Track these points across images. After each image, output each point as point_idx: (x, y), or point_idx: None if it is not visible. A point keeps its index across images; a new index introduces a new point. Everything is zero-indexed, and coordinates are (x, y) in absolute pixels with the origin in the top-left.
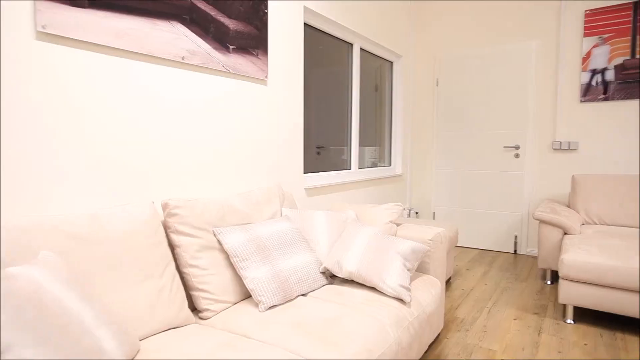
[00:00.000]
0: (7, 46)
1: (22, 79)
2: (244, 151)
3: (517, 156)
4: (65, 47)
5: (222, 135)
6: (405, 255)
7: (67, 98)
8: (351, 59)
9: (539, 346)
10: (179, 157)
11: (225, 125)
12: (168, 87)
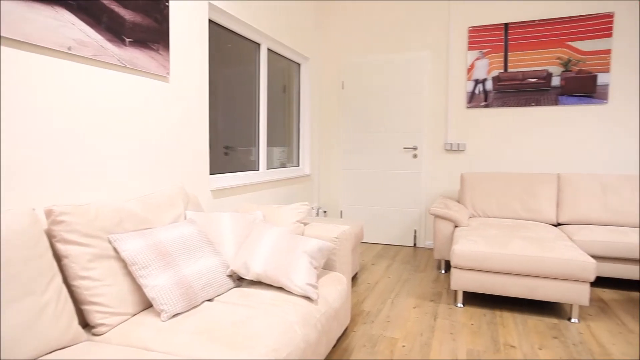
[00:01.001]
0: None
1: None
2: (145, 152)
3: (415, 156)
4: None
5: (119, 135)
6: (312, 253)
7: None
8: (258, 59)
9: (434, 330)
10: (69, 159)
11: (123, 124)
12: (52, 79)
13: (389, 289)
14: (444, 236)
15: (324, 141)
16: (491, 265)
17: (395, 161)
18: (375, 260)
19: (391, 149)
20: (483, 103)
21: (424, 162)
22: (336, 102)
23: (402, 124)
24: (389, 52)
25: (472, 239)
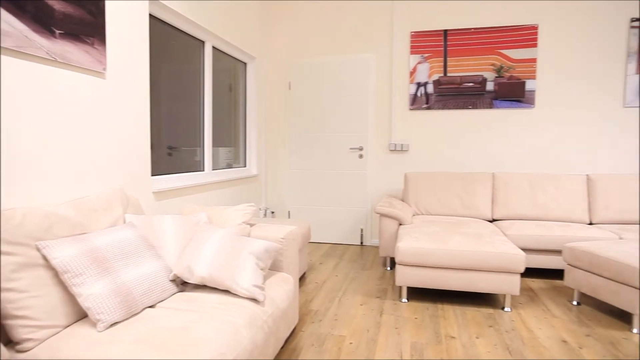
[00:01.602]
0: None
1: None
2: (79, 152)
3: (361, 157)
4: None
5: (50, 134)
6: (258, 255)
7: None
8: (203, 57)
9: (380, 326)
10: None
11: (54, 122)
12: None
13: (337, 288)
14: (389, 234)
15: (271, 141)
16: (433, 261)
17: (342, 161)
18: (323, 259)
19: (338, 149)
20: (425, 105)
21: (369, 162)
22: (283, 102)
23: (349, 124)
24: (335, 53)
25: (415, 236)
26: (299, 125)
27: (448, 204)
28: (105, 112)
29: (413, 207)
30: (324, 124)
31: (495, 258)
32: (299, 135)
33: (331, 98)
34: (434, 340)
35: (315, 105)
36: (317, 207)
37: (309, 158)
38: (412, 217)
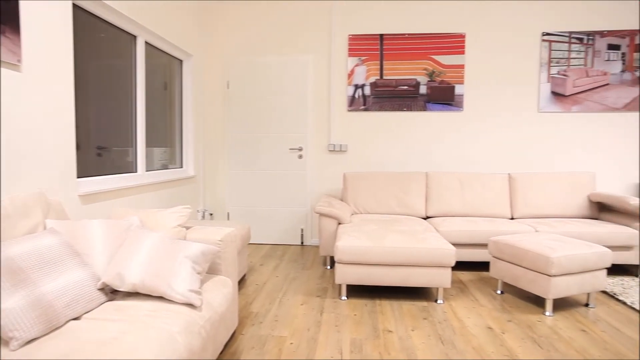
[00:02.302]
0: None
1: None
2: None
3: (300, 157)
4: None
5: None
6: (195, 258)
7: None
8: (135, 53)
9: (321, 324)
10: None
11: None
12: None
13: (277, 289)
14: (329, 233)
15: (209, 141)
16: (371, 258)
17: (281, 162)
18: (263, 260)
19: (278, 149)
20: (362, 107)
21: (309, 162)
22: (221, 101)
23: (288, 125)
24: (274, 53)
25: (354, 234)
26: (238, 125)
27: (385, 203)
28: (22, 108)
29: (352, 206)
30: (263, 124)
31: (429, 253)
32: (238, 135)
33: (270, 98)
34: (372, 335)
35: (255, 105)
36: (257, 208)
37: (249, 158)
38: (350, 216)
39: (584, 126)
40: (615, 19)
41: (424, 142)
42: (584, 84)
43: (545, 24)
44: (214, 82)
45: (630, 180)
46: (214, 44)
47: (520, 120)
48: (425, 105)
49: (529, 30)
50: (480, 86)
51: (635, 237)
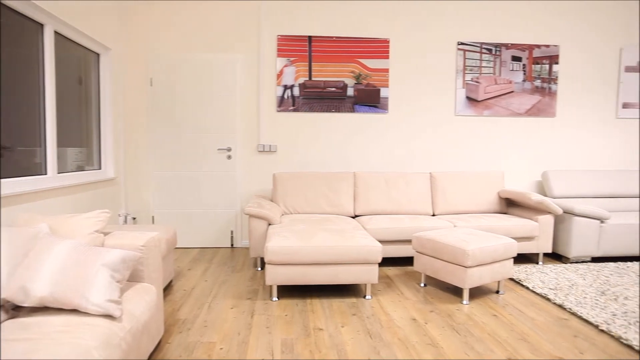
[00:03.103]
0: None
1: None
2: None
3: (229, 157)
4: None
5: None
6: (114, 266)
7: None
8: (42, 43)
9: (252, 327)
10: None
11: None
12: None
13: (206, 293)
14: (259, 234)
15: (131, 141)
16: (301, 258)
17: (210, 162)
18: (191, 265)
19: (205, 150)
20: (292, 107)
21: (238, 163)
22: (144, 99)
23: (217, 125)
24: (201, 51)
25: (284, 235)
26: (163, 124)
27: (315, 203)
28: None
29: (282, 206)
30: (190, 124)
31: (356, 251)
32: (164, 135)
33: (198, 97)
34: (303, 335)
35: (181, 104)
36: (185, 211)
37: (175, 159)
38: (281, 216)
39: (494, 129)
40: (516, 34)
41: (352, 142)
42: (493, 90)
43: (460, 34)
44: (136, 78)
45: (533, 178)
46: (135, 39)
47: (440, 123)
48: (353, 107)
49: (446, 40)
50: (404, 90)
51: (536, 229)
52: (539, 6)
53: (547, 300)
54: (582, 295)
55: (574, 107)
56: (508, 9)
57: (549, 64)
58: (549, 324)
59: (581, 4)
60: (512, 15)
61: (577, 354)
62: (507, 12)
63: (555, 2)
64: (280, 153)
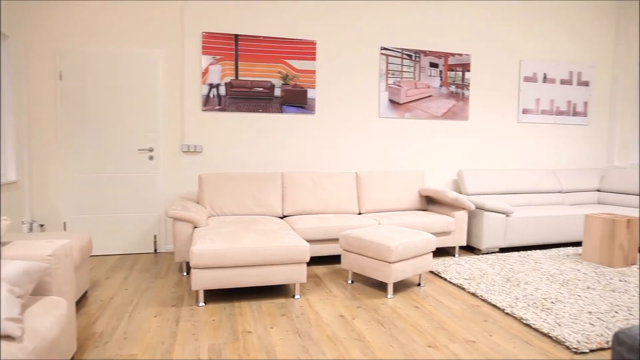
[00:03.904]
0: None
1: None
2: None
3: (151, 158)
4: None
5: None
6: (13, 279)
7: None
8: None
9: (177, 335)
10: None
11: None
12: None
13: (127, 302)
14: (184, 238)
15: (37, 140)
16: (228, 261)
17: (129, 163)
18: (109, 273)
19: (125, 150)
20: (218, 107)
21: (161, 164)
22: (53, 94)
23: (137, 123)
24: (120, 45)
25: (210, 237)
26: (75, 122)
27: (243, 204)
28: None
29: (208, 208)
30: (107, 122)
31: (284, 251)
32: (77, 134)
33: (115, 93)
34: (231, 339)
35: (96, 100)
36: (103, 216)
37: (91, 160)
38: (207, 218)
39: (414, 130)
40: (434, 42)
41: (280, 143)
42: (413, 94)
43: (383, 40)
44: (43, 71)
45: (450, 177)
46: (41, 27)
47: (365, 124)
48: (281, 107)
49: (371, 44)
50: (330, 91)
51: (452, 224)
52: (453, 18)
53: (462, 289)
54: (491, 283)
55: (483, 112)
56: (426, 19)
57: (462, 72)
58: (463, 311)
59: (488, 19)
60: (430, 25)
61: (487, 336)
62: (425, 22)
63: (467, 15)
64: (207, 153)
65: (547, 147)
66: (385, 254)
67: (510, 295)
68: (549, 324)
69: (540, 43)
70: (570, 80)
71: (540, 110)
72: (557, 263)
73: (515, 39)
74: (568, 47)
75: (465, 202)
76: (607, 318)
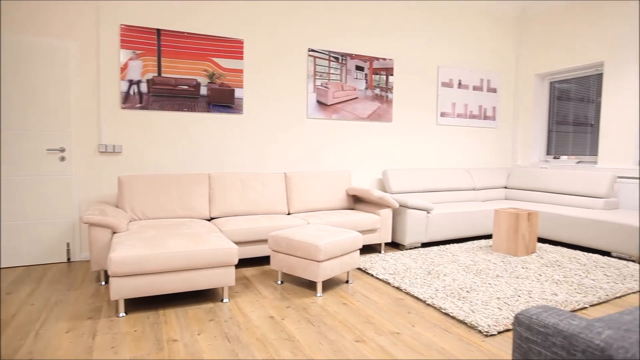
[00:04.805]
0: None
1: None
2: None
3: (63, 159)
4: None
5: None
6: None
7: None
8: None
9: (93, 350)
10: None
11: None
12: None
13: (33, 319)
14: (102, 245)
15: None
16: (151, 267)
17: (37, 165)
18: (12, 288)
19: (30, 150)
20: (139, 105)
21: (75, 165)
22: None
23: (45, 121)
24: (24, 33)
25: (131, 243)
26: None
27: (168, 207)
28: None
29: (129, 212)
30: (7, 119)
31: (211, 254)
32: None
33: (19, 88)
34: (155, 349)
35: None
36: (4, 224)
37: None
38: (128, 223)
39: (342, 131)
40: (359, 46)
41: (207, 143)
42: (340, 96)
43: (311, 41)
44: None
45: (375, 176)
46: None
47: (293, 125)
48: (209, 107)
49: (299, 46)
50: (259, 91)
51: (378, 222)
52: (377, 24)
53: (388, 284)
54: (414, 276)
55: (406, 114)
56: (352, 23)
57: (386, 75)
58: (389, 305)
59: (409, 26)
60: (356, 29)
61: (410, 327)
62: (352, 26)
63: (390, 21)
64: (127, 154)
65: (463, 147)
66: (314, 253)
67: (431, 287)
68: (464, 312)
69: (456, 51)
70: (481, 87)
71: (456, 113)
72: (472, 255)
73: (434, 47)
74: (478, 56)
75: (390, 201)
76: (512, 302)
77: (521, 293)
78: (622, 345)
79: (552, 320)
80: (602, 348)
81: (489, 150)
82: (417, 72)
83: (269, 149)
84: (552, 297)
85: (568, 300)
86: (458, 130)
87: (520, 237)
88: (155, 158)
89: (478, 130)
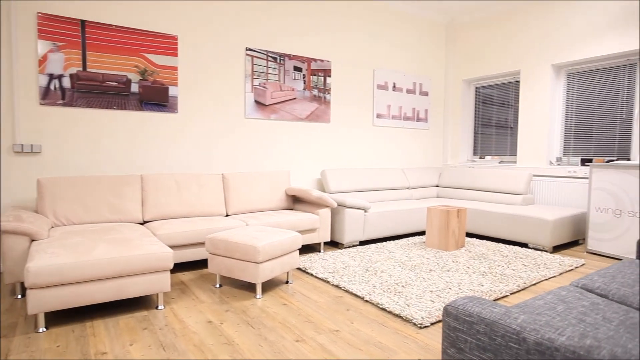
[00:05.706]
0: None
1: None
2: None
3: None
4: None
5: None
6: None
7: None
8: None
9: None
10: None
11: None
12: None
13: None
14: (19, 254)
15: None
16: (76, 276)
17: None
18: None
19: None
20: (61, 101)
21: None
22: None
23: None
24: None
25: (52, 251)
26: None
27: (95, 211)
28: None
29: (51, 218)
30: None
31: (144, 260)
32: None
33: None
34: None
35: None
36: None
37: None
38: (49, 229)
39: (280, 131)
40: (297, 45)
41: (139, 143)
42: (279, 96)
43: (248, 40)
44: None
45: (314, 176)
46: None
47: (231, 125)
48: (141, 104)
49: (236, 44)
50: (194, 90)
51: (317, 221)
52: (315, 25)
53: (327, 282)
54: (352, 274)
55: (343, 115)
56: (290, 24)
57: (324, 77)
58: (328, 303)
59: (345, 28)
60: (294, 30)
61: (349, 323)
62: (289, 26)
63: (327, 23)
64: (48, 155)
65: (398, 148)
66: (252, 255)
67: (369, 283)
68: (400, 306)
69: (390, 55)
70: (414, 90)
71: (391, 115)
72: (407, 251)
73: (370, 50)
74: (411, 60)
75: (328, 200)
76: (443, 294)
77: (452, 285)
78: (533, 327)
79: (476, 310)
80: (517, 332)
81: (422, 151)
82: (354, 74)
83: (205, 149)
84: (478, 287)
85: (492, 290)
86: (393, 131)
87: (451, 232)
88: (81, 159)
89: (412, 131)
